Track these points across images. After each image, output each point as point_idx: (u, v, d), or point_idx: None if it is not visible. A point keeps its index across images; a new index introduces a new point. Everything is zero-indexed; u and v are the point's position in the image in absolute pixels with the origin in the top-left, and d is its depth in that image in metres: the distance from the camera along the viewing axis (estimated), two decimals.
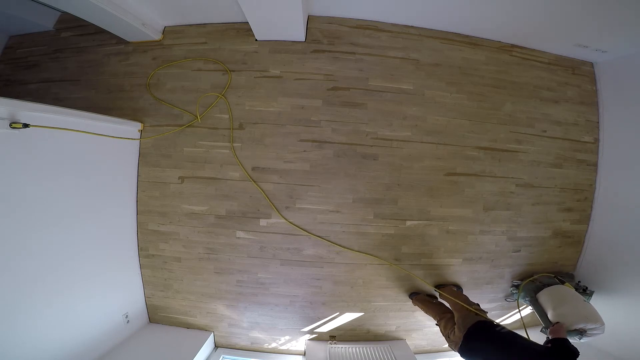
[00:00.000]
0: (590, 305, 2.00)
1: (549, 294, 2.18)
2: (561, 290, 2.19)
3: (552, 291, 2.20)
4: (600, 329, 1.86)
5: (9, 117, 1.40)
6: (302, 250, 2.41)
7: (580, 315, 1.89)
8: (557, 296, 2.13)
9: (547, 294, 2.20)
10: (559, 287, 2.22)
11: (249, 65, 2.41)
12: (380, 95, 2.38)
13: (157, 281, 2.51)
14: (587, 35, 2.27)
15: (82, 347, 1.92)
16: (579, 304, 2.00)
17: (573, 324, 1.85)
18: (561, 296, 2.12)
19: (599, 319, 1.87)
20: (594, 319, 1.86)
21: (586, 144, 2.60)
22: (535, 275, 2.46)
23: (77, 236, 1.88)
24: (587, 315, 1.87)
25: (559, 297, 2.12)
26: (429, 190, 2.41)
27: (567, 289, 2.21)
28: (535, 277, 2.43)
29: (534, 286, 2.34)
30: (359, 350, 2.35)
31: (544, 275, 2.43)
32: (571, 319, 1.88)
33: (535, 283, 2.36)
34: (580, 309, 1.95)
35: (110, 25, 2.30)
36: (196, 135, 2.40)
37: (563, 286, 2.24)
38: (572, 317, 1.88)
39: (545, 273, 2.47)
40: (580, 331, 1.85)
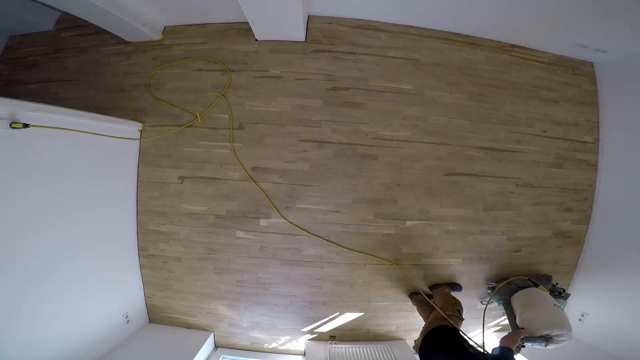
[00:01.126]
0: (558, 311, 1.90)
1: (519, 298, 2.12)
2: (533, 293, 2.11)
3: (523, 295, 2.13)
4: (567, 335, 1.77)
5: (9, 117, 1.40)
6: (302, 250, 2.41)
7: (546, 321, 1.81)
8: (526, 300, 2.07)
9: (518, 297, 2.13)
10: (531, 291, 2.14)
11: (249, 65, 2.41)
12: (380, 95, 2.38)
13: (157, 281, 2.51)
14: (587, 35, 2.27)
15: (82, 347, 1.92)
16: (547, 309, 1.92)
17: (538, 330, 1.78)
18: (530, 300, 2.05)
19: (565, 325, 1.78)
20: (560, 325, 1.76)
21: (586, 144, 2.60)
22: (511, 277, 2.37)
23: (77, 236, 1.88)
24: (553, 321, 1.79)
25: (528, 301, 2.05)
26: (429, 190, 2.41)
27: (540, 292, 2.13)
28: (511, 279, 2.34)
29: (509, 289, 2.26)
30: (359, 350, 2.35)
31: (519, 277, 2.34)
32: (537, 324, 1.81)
33: (511, 285, 2.28)
34: (546, 315, 1.86)
35: (110, 25, 2.30)
36: (196, 135, 2.40)
37: (536, 289, 2.16)
38: (538, 323, 1.81)
39: (520, 276, 2.37)
40: (546, 337, 1.78)
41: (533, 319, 1.86)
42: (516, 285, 2.25)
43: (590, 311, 2.46)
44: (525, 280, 2.28)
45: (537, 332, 1.79)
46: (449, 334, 1.60)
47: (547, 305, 1.96)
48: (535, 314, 1.89)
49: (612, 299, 2.34)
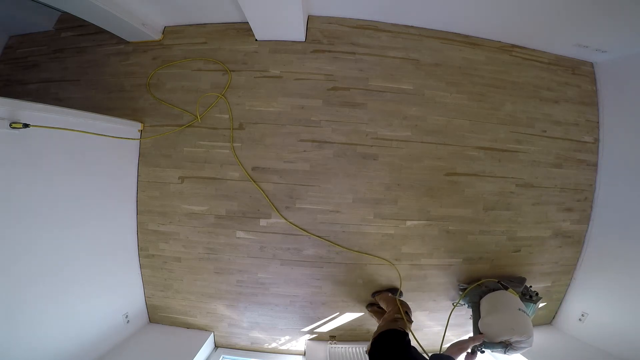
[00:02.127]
0: (522, 316, 1.81)
1: (486, 301, 2.04)
2: (500, 297, 2.03)
3: (490, 298, 2.05)
4: (527, 342, 1.68)
5: (9, 117, 1.40)
6: (302, 250, 2.41)
7: (506, 326, 1.72)
8: (491, 304, 1.99)
9: (485, 300, 2.05)
10: (499, 294, 2.06)
11: (249, 65, 2.41)
12: (380, 95, 2.38)
13: (157, 281, 2.51)
14: (587, 35, 2.27)
15: (82, 347, 1.92)
16: (510, 313, 1.84)
17: (498, 335, 1.70)
18: (495, 304, 1.97)
19: (525, 331, 1.69)
20: (520, 331, 1.68)
21: (586, 144, 2.60)
22: (483, 279, 2.30)
23: (77, 236, 1.88)
24: (513, 327, 1.71)
25: (493, 304, 1.98)
26: (429, 190, 2.41)
27: (508, 295, 2.04)
28: (482, 281, 2.27)
29: (479, 291, 2.18)
30: (359, 350, 2.35)
31: (490, 280, 2.26)
32: (497, 329, 1.72)
33: (482, 288, 2.20)
34: (508, 320, 1.78)
35: (110, 25, 2.30)
36: (196, 135, 2.39)
37: (505, 292, 2.07)
38: (498, 328, 1.73)
39: (491, 278, 2.30)
40: (506, 343, 1.68)
41: (494, 323, 1.78)
42: (487, 288, 2.17)
43: (590, 311, 2.46)
44: (496, 282, 2.21)
45: (496, 337, 1.70)
46: (396, 337, 1.55)
47: (510, 310, 1.87)
48: (496, 318, 1.82)
49: (612, 299, 2.34)
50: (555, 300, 2.70)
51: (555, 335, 2.59)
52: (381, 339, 1.57)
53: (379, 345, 1.54)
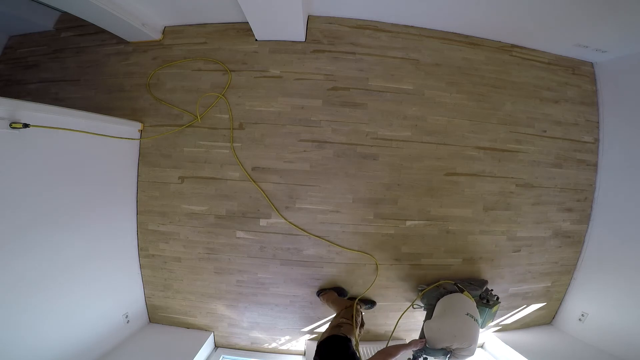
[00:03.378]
0: (469, 322, 1.74)
1: (439, 303, 1.98)
2: (453, 300, 1.97)
3: (443, 300, 1.98)
4: (468, 350, 1.60)
5: (9, 117, 1.40)
6: (302, 250, 2.41)
7: (449, 332, 1.65)
8: (441, 307, 1.93)
9: (439, 303, 1.98)
10: (453, 297, 2.00)
11: (249, 65, 2.41)
12: (380, 95, 2.38)
13: (157, 281, 2.51)
14: (587, 35, 2.27)
15: (82, 347, 1.92)
16: (456, 319, 1.76)
17: (439, 341, 1.63)
18: (444, 307, 1.91)
19: (467, 339, 1.61)
20: (461, 338, 1.61)
21: (586, 144, 2.60)
22: (441, 280, 2.26)
23: (76, 236, 1.88)
24: (456, 333, 1.63)
25: (442, 308, 1.92)
26: (429, 190, 2.41)
27: (461, 298, 1.96)
28: (440, 282, 2.22)
29: (437, 293, 2.11)
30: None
31: (448, 281, 2.22)
32: (439, 334, 1.66)
33: (440, 289, 2.13)
34: (451, 325, 1.70)
35: (110, 25, 2.30)
36: (196, 135, 2.39)
37: (459, 295, 2.01)
38: (441, 333, 1.66)
39: (448, 280, 2.25)
40: (447, 350, 1.61)
41: (437, 328, 1.71)
42: (445, 290, 2.10)
43: (590, 311, 2.46)
44: (452, 284, 2.16)
45: (438, 343, 1.63)
46: (338, 345, 1.54)
47: (457, 315, 1.79)
48: (441, 323, 1.75)
49: (612, 299, 2.34)
50: (555, 300, 2.70)
51: (555, 335, 2.59)
52: (323, 345, 1.54)
53: (320, 352, 1.52)
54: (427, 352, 1.65)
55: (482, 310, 2.09)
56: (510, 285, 2.59)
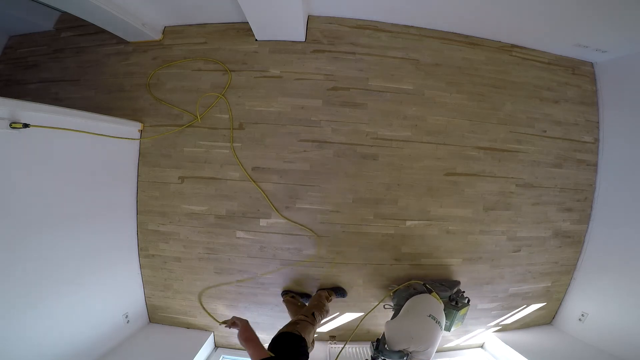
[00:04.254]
0: (428, 324, 1.68)
1: (406, 304, 1.94)
2: (417, 301, 1.93)
3: (412, 301, 1.95)
4: (425, 354, 1.55)
5: (9, 117, 1.39)
6: (302, 250, 2.41)
7: (407, 333, 1.59)
8: (406, 308, 1.89)
9: (407, 303, 1.95)
10: (421, 297, 1.96)
11: (249, 65, 2.41)
12: (380, 95, 2.38)
13: (157, 281, 2.51)
14: (587, 35, 2.27)
15: (82, 347, 1.92)
16: (416, 320, 1.71)
17: (397, 343, 1.57)
18: (408, 308, 1.87)
19: (424, 341, 1.56)
20: (418, 341, 1.55)
21: (586, 144, 2.60)
22: (412, 280, 2.23)
23: (77, 236, 1.88)
24: (413, 335, 1.58)
25: (407, 309, 1.87)
26: (429, 190, 2.41)
27: (428, 299, 1.92)
28: (409, 282, 2.19)
29: (407, 293, 2.08)
30: (359, 350, 2.35)
31: (417, 281, 2.19)
32: (398, 336, 1.60)
33: (410, 290, 2.11)
34: (410, 326, 1.65)
35: (110, 25, 2.30)
36: (196, 135, 2.39)
37: (427, 296, 1.97)
38: (399, 334, 1.61)
39: (418, 280, 2.22)
40: (404, 353, 1.55)
41: (397, 328, 1.65)
42: (415, 290, 2.08)
43: (590, 311, 2.46)
44: (421, 284, 2.12)
45: (396, 344, 1.56)
46: (291, 341, 1.53)
47: (418, 316, 1.74)
48: (401, 323, 1.70)
49: (612, 299, 2.34)
50: (555, 300, 2.70)
51: (555, 335, 2.59)
52: (276, 340, 1.54)
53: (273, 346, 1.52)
54: (385, 354, 1.58)
55: (450, 313, 2.05)
56: (510, 285, 2.59)
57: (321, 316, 1.93)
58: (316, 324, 1.81)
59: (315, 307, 1.97)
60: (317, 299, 2.14)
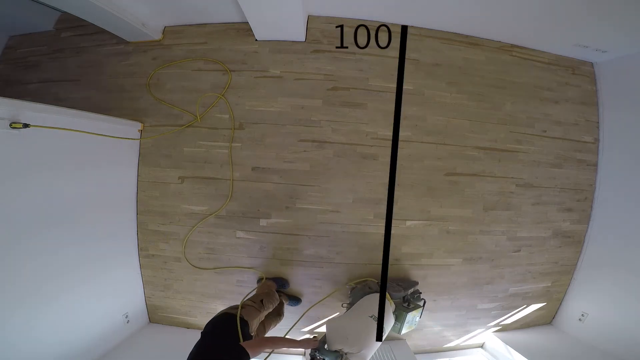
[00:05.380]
0: (367, 325, 1.64)
1: (356, 303, 1.91)
2: (366, 300, 1.89)
3: (361, 300, 1.92)
4: (357, 356, 1.49)
5: (9, 117, 1.39)
6: (302, 250, 2.41)
7: (343, 333, 1.53)
8: (355, 307, 1.85)
9: (357, 302, 1.92)
10: (370, 297, 1.92)
11: (249, 65, 2.41)
12: (380, 95, 2.38)
13: (157, 281, 2.51)
14: (587, 35, 2.27)
15: (82, 347, 1.92)
16: (356, 320, 1.67)
17: (333, 343, 1.51)
18: (355, 307, 1.83)
19: (356, 344, 1.49)
20: (352, 342, 1.49)
21: (586, 144, 2.60)
22: (368, 279, 2.21)
23: (77, 236, 1.88)
24: (348, 336, 1.52)
25: (354, 308, 1.84)
26: (429, 190, 2.41)
27: (375, 300, 1.87)
28: (364, 280, 2.17)
29: (362, 292, 2.05)
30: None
31: (372, 280, 2.15)
32: (334, 335, 1.54)
33: (365, 289, 2.08)
34: (347, 327, 1.59)
35: (110, 25, 2.30)
36: (196, 135, 2.39)
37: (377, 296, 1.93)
38: (335, 334, 1.54)
39: (374, 279, 2.19)
40: (340, 353, 1.48)
41: (335, 328, 1.59)
42: (370, 289, 2.04)
43: (590, 311, 2.46)
44: (376, 283, 2.09)
45: (332, 344, 1.50)
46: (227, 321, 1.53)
47: (360, 315, 1.69)
48: (340, 322, 1.64)
49: (612, 299, 2.34)
50: (555, 300, 2.70)
51: (555, 335, 2.59)
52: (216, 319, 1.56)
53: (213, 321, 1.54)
54: (322, 353, 1.52)
55: (400, 314, 2.01)
56: (510, 285, 2.59)
57: (270, 303, 1.91)
58: (263, 310, 1.81)
59: (265, 294, 1.95)
60: (266, 287, 2.12)
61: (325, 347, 1.53)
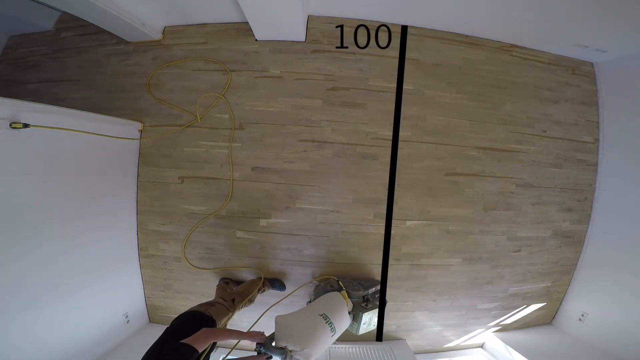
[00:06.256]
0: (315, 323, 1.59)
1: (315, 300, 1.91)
2: (323, 298, 1.88)
3: (320, 298, 1.91)
4: (301, 354, 1.44)
5: (9, 117, 1.40)
6: (302, 250, 2.41)
7: (288, 331, 1.49)
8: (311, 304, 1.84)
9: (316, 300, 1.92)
10: (328, 295, 1.91)
11: (249, 65, 2.41)
12: (380, 95, 2.38)
13: (157, 281, 2.51)
14: (587, 35, 2.27)
15: (82, 347, 1.92)
16: (304, 317, 1.63)
17: (279, 339, 1.47)
18: (311, 305, 1.82)
19: (300, 342, 1.45)
20: (297, 340, 1.46)
21: (586, 144, 2.60)
22: (330, 276, 2.23)
23: (76, 236, 1.88)
24: (293, 333, 1.48)
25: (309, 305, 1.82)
26: (429, 190, 2.41)
27: (330, 297, 1.85)
28: (328, 278, 2.17)
29: (324, 289, 2.05)
30: (359, 350, 2.35)
31: (333, 278, 2.16)
32: (280, 331, 1.50)
33: (327, 286, 2.08)
34: (293, 323, 1.54)
35: (110, 25, 2.30)
36: (196, 135, 2.39)
37: (335, 294, 1.91)
38: (281, 330, 1.50)
39: (334, 276, 2.20)
40: (285, 351, 1.44)
41: (282, 324, 1.54)
42: (331, 287, 2.03)
43: (590, 311, 2.46)
44: (335, 281, 2.10)
45: (278, 340, 1.47)
46: (192, 319, 1.51)
47: (311, 313, 1.66)
48: (288, 319, 1.59)
49: (612, 299, 2.34)
50: (555, 300, 2.70)
51: (555, 335, 2.59)
52: (182, 316, 1.53)
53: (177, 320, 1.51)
54: (266, 348, 1.47)
55: (357, 314, 1.97)
56: (510, 285, 2.59)
57: (242, 304, 1.89)
58: (234, 311, 1.80)
59: (240, 294, 1.94)
60: (247, 287, 2.12)
61: (272, 344, 1.48)
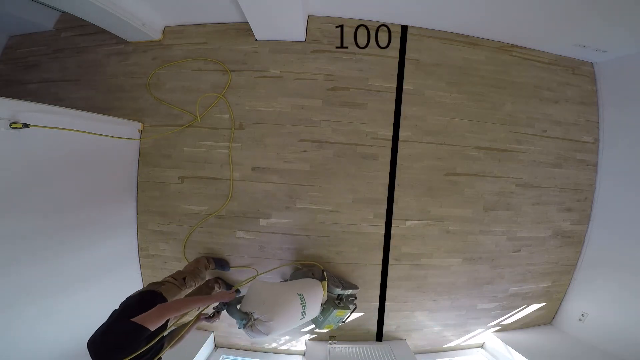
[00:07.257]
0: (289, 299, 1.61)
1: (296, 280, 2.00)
2: (305, 280, 1.93)
3: (302, 280, 1.97)
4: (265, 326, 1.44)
5: (9, 117, 1.39)
6: (302, 250, 2.41)
7: (261, 298, 1.50)
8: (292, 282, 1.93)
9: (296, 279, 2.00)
10: (309, 280, 1.96)
11: (249, 65, 2.41)
12: (380, 95, 2.38)
13: None
14: (587, 35, 2.27)
15: (82, 347, 1.90)
16: (281, 290, 1.65)
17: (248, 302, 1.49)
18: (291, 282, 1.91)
19: (270, 312, 1.45)
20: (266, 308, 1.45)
21: (586, 144, 2.60)
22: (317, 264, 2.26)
23: (76, 236, 1.88)
24: (265, 301, 1.49)
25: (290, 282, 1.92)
26: (429, 190, 2.41)
27: (311, 284, 1.90)
28: (315, 265, 2.23)
29: (303, 273, 2.13)
30: (359, 350, 2.35)
31: (319, 266, 2.21)
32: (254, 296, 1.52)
33: (309, 272, 2.13)
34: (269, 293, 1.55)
35: (110, 25, 2.30)
36: (196, 135, 2.39)
37: (315, 282, 1.95)
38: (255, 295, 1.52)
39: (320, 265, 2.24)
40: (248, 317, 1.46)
41: (258, 289, 1.55)
42: (313, 275, 2.08)
43: (590, 311, 2.46)
44: (320, 270, 2.15)
45: (246, 304, 1.49)
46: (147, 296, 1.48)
47: (290, 289, 1.69)
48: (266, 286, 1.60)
49: (612, 299, 2.34)
50: (555, 300, 2.70)
51: (555, 335, 2.59)
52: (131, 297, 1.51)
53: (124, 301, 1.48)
54: (230, 309, 1.49)
55: (327, 309, 2.02)
56: (510, 285, 2.59)
57: (193, 282, 1.88)
58: (185, 289, 1.78)
59: (190, 273, 1.93)
60: (195, 265, 2.10)
61: (237, 307, 1.47)
